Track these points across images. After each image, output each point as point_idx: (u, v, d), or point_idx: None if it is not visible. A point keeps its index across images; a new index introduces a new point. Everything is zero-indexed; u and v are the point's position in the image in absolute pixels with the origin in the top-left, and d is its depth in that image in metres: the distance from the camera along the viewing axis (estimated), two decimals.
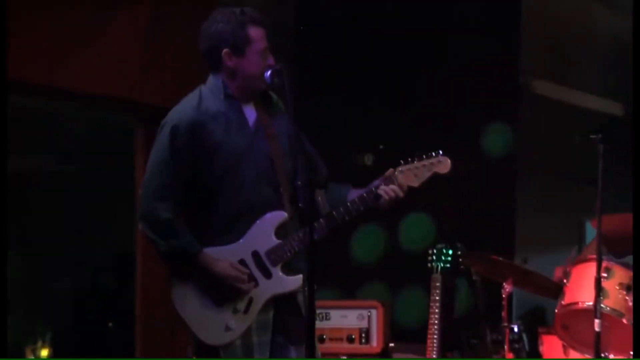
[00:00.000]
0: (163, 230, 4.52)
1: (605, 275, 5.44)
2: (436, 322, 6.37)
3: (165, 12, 7.67)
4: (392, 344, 7.09)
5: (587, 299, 5.52)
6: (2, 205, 5.09)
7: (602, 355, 5.36)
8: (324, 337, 7.03)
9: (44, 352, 9.00)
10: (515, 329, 6.31)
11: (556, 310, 5.79)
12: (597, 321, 5.12)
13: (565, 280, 5.79)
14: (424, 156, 4.70)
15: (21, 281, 8.83)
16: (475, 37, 7.75)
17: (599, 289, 5.19)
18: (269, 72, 4.57)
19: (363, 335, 7.08)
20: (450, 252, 6.52)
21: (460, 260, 6.39)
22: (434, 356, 6.35)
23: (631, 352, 5.44)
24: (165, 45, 7.64)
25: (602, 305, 5.27)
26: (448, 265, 6.51)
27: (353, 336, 7.10)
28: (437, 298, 6.41)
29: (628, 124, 6.27)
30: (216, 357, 4.55)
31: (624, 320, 5.51)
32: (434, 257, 6.47)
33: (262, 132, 4.64)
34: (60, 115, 8.71)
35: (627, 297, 5.53)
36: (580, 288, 5.64)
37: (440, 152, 4.71)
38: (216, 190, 4.56)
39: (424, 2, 7.91)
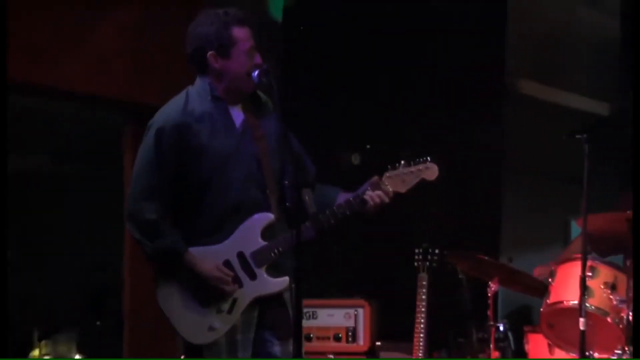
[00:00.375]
0: (148, 231, 4.51)
1: (590, 274, 5.44)
2: (423, 321, 6.38)
3: (155, 12, 7.65)
4: (378, 343, 7.10)
5: (572, 298, 5.52)
6: (2, 205, 5.09)
7: (587, 353, 5.35)
8: (311, 335, 7.02)
9: (34, 352, 8.98)
10: (501, 328, 6.31)
11: (541, 309, 5.80)
12: (582, 320, 5.12)
13: (550, 280, 5.80)
14: (412, 162, 4.69)
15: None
16: (461, 37, 7.74)
17: (584, 288, 5.19)
18: (256, 72, 4.55)
19: (350, 334, 7.08)
20: (437, 251, 6.53)
21: (447, 259, 6.40)
22: (421, 355, 6.35)
23: (616, 351, 5.44)
24: (155, 44, 7.62)
25: (587, 304, 5.26)
26: (434, 264, 6.51)
27: (340, 335, 7.10)
28: (423, 297, 6.41)
29: (613, 124, 6.28)
30: (205, 355, 4.54)
31: (609, 319, 5.52)
32: (421, 257, 6.48)
33: (249, 134, 4.62)
34: (51, 114, 8.68)
35: (611, 296, 5.53)
36: (566, 287, 5.65)
37: (429, 158, 4.70)
38: (203, 191, 4.55)
39: (410, 3, 7.90)
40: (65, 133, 9.19)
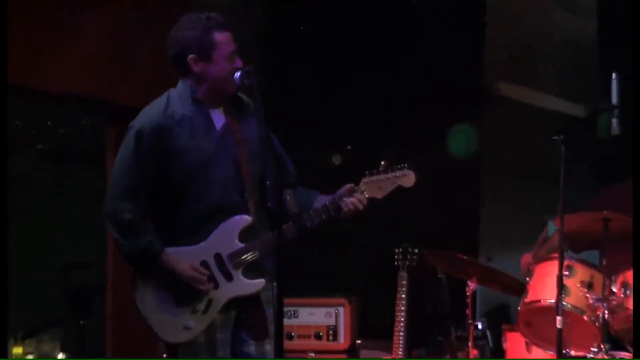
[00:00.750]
0: (126, 230, 4.53)
1: (567, 273, 5.47)
2: (403, 319, 6.39)
3: (137, 14, 7.64)
4: (359, 341, 7.11)
5: (549, 297, 5.54)
6: (2, 206, 5.10)
7: (564, 351, 5.38)
8: (293, 334, 7.03)
9: (17, 350, 8.94)
10: (480, 326, 6.34)
11: (519, 308, 5.81)
12: (559, 318, 5.13)
13: (528, 278, 5.81)
14: (389, 168, 4.71)
15: None
16: (440, 40, 7.77)
17: (561, 287, 5.21)
18: (238, 74, 4.56)
19: (331, 332, 7.09)
20: (416, 251, 6.55)
21: (426, 258, 6.42)
22: (400, 353, 6.36)
23: (592, 349, 5.47)
24: (139, 46, 7.61)
25: (564, 302, 5.29)
26: (414, 263, 6.53)
27: (321, 333, 7.11)
28: (403, 296, 6.43)
29: (589, 125, 6.30)
30: (185, 353, 4.56)
31: (585, 318, 5.54)
32: (400, 256, 6.49)
33: (230, 137, 4.63)
34: (34, 115, 8.66)
35: (588, 295, 5.56)
36: (543, 286, 5.67)
37: (406, 165, 4.71)
38: (181, 193, 4.56)
39: (389, 5, 7.92)
40: (48, 133, 9.17)
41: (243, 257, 4.56)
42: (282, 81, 7.90)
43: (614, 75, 5.19)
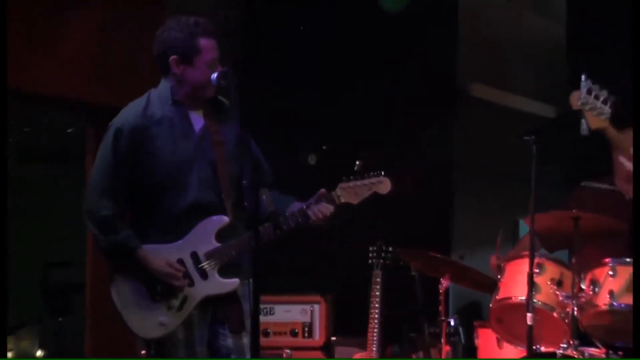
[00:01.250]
0: (104, 226, 4.57)
1: (537, 271, 5.48)
2: (377, 316, 6.41)
3: (117, 15, 7.62)
4: (334, 338, 7.12)
5: (520, 294, 5.55)
6: (2, 207, 5.12)
7: (534, 347, 5.40)
8: (269, 331, 7.04)
9: None
10: (452, 323, 6.35)
11: (491, 305, 5.82)
12: (529, 315, 5.16)
13: (499, 276, 5.83)
14: (366, 175, 4.75)
15: None
16: (415, 42, 7.79)
17: (532, 285, 5.23)
18: (215, 74, 4.58)
19: (306, 329, 7.10)
20: (390, 249, 6.56)
21: (400, 256, 6.43)
22: (374, 349, 6.38)
23: (561, 345, 5.49)
24: (118, 47, 7.60)
25: (534, 300, 5.32)
26: (388, 261, 6.55)
27: (296, 330, 7.12)
28: (377, 293, 6.45)
29: (560, 126, 6.33)
30: (164, 349, 4.59)
31: (555, 314, 5.55)
32: (375, 254, 6.51)
33: (208, 139, 4.65)
34: (14, 115, 8.60)
35: (557, 292, 5.57)
36: (514, 283, 5.67)
37: (382, 172, 4.76)
38: (159, 192, 4.59)
39: (363, 6, 7.94)
40: (28, 133, 9.13)
41: (219, 256, 4.58)
42: (259, 81, 7.89)
43: (582, 76, 5.20)
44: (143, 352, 4.78)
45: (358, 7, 7.92)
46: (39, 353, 8.96)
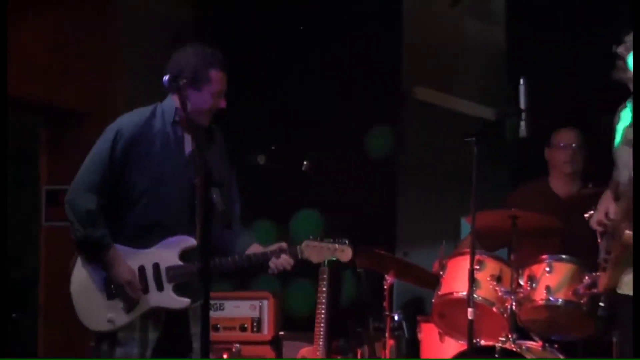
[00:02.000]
0: (84, 219, 4.62)
1: (477, 267, 5.52)
2: (323, 311, 6.43)
3: (73, 17, 7.59)
4: (282, 332, 7.13)
5: (461, 290, 5.60)
6: (2, 207, 5.21)
7: (474, 341, 5.45)
8: (218, 326, 7.03)
9: None
10: (396, 318, 6.39)
11: (433, 300, 5.86)
12: (470, 310, 5.20)
13: (441, 272, 5.88)
14: (332, 240, 4.93)
15: None
16: (360, 46, 7.83)
17: (472, 280, 5.29)
18: (166, 77, 4.63)
19: (255, 324, 7.11)
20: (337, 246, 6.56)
21: None
22: (321, 343, 6.41)
23: (500, 338, 5.56)
24: (74, 50, 7.56)
25: (474, 295, 5.36)
26: (334, 258, 6.56)
27: (245, 325, 7.12)
28: (324, 289, 6.47)
29: (499, 128, 6.40)
30: (115, 347, 4.64)
31: (494, 309, 5.62)
32: None
33: (194, 163, 4.72)
34: None
35: (497, 288, 5.63)
36: (455, 279, 5.72)
37: (347, 241, 4.96)
38: (137, 199, 4.68)
39: (310, 9, 7.97)
40: None
41: (179, 273, 4.65)
42: None
43: (521, 80, 5.28)
44: (92, 343, 4.81)
45: (303, 9, 7.95)
46: None
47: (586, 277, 5.38)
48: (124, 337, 4.65)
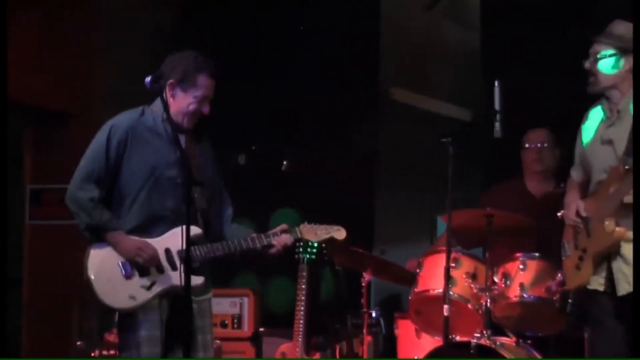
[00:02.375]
0: (88, 206, 4.72)
1: (453, 265, 5.55)
2: (302, 308, 6.46)
3: (56, 18, 7.58)
4: (262, 329, 7.17)
5: (437, 287, 5.63)
6: (2, 206, 5.22)
7: (450, 337, 5.49)
8: None
9: None
10: (374, 314, 6.42)
11: (410, 297, 5.88)
12: (445, 307, 5.22)
13: (418, 270, 5.92)
14: (327, 224, 5.03)
15: None
16: (339, 47, 7.87)
17: (448, 278, 5.32)
18: (149, 78, 4.66)
19: (235, 320, 7.15)
20: (316, 244, 6.60)
21: (324, 251, 6.49)
22: (300, 339, 6.44)
23: (475, 334, 5.60)
24: (58, 50, 7.56)
25: (450, 292, 5.39)
26: (314, 256, 6.60)
27: (226, 322, 7.16)
28: (303, 287, 6.50)
29: (475, 129, 6.44)
30: (135, 323, 4.72)
31: (469, 306, 5.65)
32: (301, 249, 6.56)
33: (188, 158, 4.77)
34: None
35: (472, 285, 5.66)
36: (432, 277, 5.75)
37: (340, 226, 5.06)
38: (136, 194, 4.76)
39: (289, 11, 8.00)
40: None
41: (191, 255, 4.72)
42: None
43: (496, 82, 5.32)
44: (79, 343, 4.84)
45: (282, 13, 7.99)
46: None
47: (559, 275, 5.43)
48: (145, 319, 4.72)
